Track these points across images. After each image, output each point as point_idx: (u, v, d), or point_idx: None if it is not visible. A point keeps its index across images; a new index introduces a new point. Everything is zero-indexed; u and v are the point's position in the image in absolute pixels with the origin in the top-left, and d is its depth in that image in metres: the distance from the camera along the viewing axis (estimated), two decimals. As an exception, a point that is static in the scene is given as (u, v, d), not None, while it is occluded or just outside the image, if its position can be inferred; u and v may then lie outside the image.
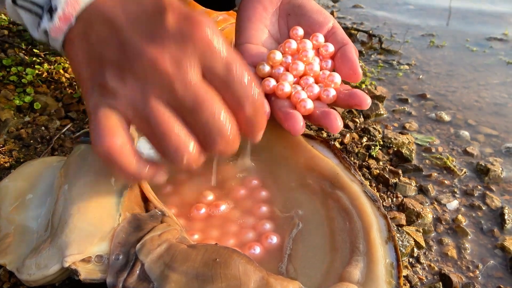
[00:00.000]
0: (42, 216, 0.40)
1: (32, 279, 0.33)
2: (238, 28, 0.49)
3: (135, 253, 0.33)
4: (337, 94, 0.44)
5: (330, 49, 0.47)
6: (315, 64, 0.46)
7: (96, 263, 0.33)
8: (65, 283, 0.39)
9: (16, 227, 0.39)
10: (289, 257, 0.38)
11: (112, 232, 0.34)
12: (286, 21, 0.50)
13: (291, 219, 0.42)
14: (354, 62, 0.45)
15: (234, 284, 0.31)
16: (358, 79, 0.45)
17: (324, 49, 0.47)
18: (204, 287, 0.31)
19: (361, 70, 0.45)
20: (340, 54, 0.46)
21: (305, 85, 0.45)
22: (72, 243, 0.33)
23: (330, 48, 0.47)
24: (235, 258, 0.32)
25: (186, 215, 0.43)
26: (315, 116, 0.43)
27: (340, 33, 0.48)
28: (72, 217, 0.34)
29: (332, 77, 0.45)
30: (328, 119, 0.41)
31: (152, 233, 0.35)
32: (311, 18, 0.48)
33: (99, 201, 0.36)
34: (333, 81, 0.45)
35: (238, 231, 0.41)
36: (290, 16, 0.50)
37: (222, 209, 0.43)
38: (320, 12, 0.49)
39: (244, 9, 0.49)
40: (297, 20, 0.49)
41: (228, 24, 0.76)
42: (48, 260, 0.33)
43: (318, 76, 0.46)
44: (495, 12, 1.24)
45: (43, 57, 0.73)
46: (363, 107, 0.42)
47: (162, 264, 0.32)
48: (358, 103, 0.42)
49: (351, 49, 0.46)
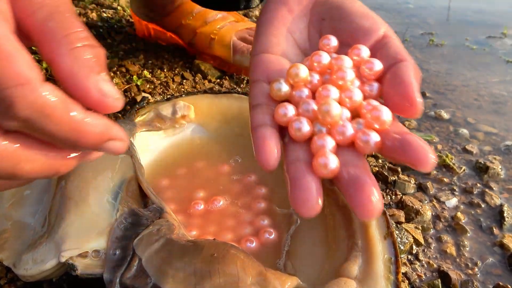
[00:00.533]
0: (39, 213, 0.39)
1: (29, 274, 0.33)
2: (255, 35, 0.39)
3: (132, 248, 0.33)
4: (383, 140, 0.29)
5: (377, 67, 0.32)
6: (354, 91, 0.32)
7: (93, 258, 0.32)
8: (62, 279, 0.39)
9: (13, 223, 0.39)
10: (287, 253, 0.38)
11: (110, 227, 0.34)
12: (319, 29, 0.39)
13: (290, 216, 0.42)
14: (410, 87, 0.30)
15: (232, 279, 0.30)
16: (415, 114, 0.30)
17: (367, 67, 0.33)
18: (202, 282, 0.31)
19: (420, 99, 0.30)
20: (390, 75, 0.32)
21: (334, 124, 0.30)
22: (69, 238, 0.33)
23: (376, 66, 0.33)
24: (233, 253, 0.32)
25: (184, 211, 0.42)
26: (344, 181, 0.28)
27: (394, 45, 0.35)
28: (69, 213, 0.34)
29: (378, 113, 0.29)
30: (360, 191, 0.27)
31: (150, 228, 0.34)
32: (353, 24, 0.36)
33: (96, 196, 0.36)
34: (379, 119, 0.29)
35: (236, 226, 0.41)
36: (325, 21, 0.39)
37: (220, 204, 0.43)
38: (366, 16, 0.37)
39: (265, 11, 0.40)
40: (334, 27, 0.38)
41: (227, 22, 0.76)
42: (45, 255, 0.33)
43: (357, 107, 0.32)
44: (495, 11, 1.24)
45: (41, 54, 0.73)
46: (420, 167, 0.27)
47: (159, 259, 0.32)
48: (414, 160, 0.27)
49: (408, 69, 0.32)
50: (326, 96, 0.31)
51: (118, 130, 0.27)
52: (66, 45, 0.26)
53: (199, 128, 0.52)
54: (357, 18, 0.37)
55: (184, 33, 0.77)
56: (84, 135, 0.25)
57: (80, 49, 0.26)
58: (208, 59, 0.75)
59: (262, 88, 0.35)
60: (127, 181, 0.38)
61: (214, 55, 0.74)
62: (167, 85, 0.69)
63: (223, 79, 0.72)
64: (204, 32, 0.74)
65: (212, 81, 0.72)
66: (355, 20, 0.37)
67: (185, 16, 0.76)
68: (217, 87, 0.70)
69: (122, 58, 0.75)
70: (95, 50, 0.27)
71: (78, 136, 0.25)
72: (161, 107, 0.50)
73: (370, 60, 0.33)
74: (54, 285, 0.39)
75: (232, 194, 0.44)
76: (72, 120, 0.24)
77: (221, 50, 0.73)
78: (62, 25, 0.26)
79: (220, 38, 0.73)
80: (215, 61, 0.74)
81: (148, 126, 0.49)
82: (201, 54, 0.76)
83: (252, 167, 0.47)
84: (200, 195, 0.44)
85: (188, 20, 0.76)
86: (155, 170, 0.47)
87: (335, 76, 0.33)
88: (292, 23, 0.39)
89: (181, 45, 0.79)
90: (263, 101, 0.34)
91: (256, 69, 0.36)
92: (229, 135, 0.51)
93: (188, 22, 0.76)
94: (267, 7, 0.41)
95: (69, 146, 0.26)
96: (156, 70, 0.73)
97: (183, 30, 0.77)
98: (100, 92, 0.26)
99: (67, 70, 0.25)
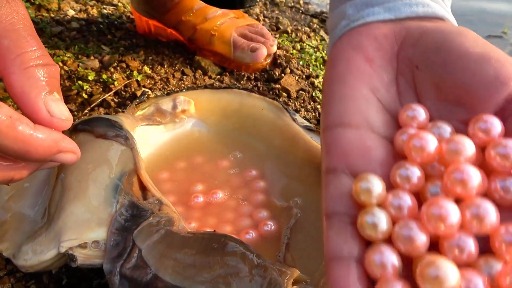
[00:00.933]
0: (39, 204, 0.39)
1: (29, 265, 0.33)
2: (324, 99, 0.29)
3: (132, 239, 0.33)
4: None
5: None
6: (484, 208, 0.20)
7: (93, 249, 0.32)
8: (62, 271, 0.39)
9: (12, 215, 0.39)
10: (287, 246, 0.38)
11: (109, 218, 0.34)
12: (412, 81, 0.28)
13: (289, 209, 0.42)
14: None
15: (232, 270, 0.31)
16: None
17: (500, 154, 0.21)
18: (202, 273, 0.31)
19: None
20: None
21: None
22: (69, 228, 0.33)
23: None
24: (233, 244, 0.32)
25: (184, 204, 0.43)
26: None
27: None
28: (69, 204, 0.34)
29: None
30: None
31: (150, 220, 0.34)
32: (467, 73, 0.25)
33: (96, 188, 0.36)
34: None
35: (235, 219, 0.41)
36: (419, 70, 0.27)
37: (219, 197, 0.43)
38: (488, 58, 0.24)
39: (334, 62, 0.29)
40: (435, 79, 0.26)
41: (227, 18, 0.76)
42: (45, 245, 0.33)
43: (490, 235, 0.20)
44: (495, 10, 1.24)
45: (41, 49, 0.73)
46: None
47: (159, 250, 0.32)
48: None
49: None
50: (436, 219, 0.20)
51: (69, 143, 0.29)
52: (19, 65, 0.26)
53: (199, 122, 0.52)
54: (473, 62, 0.24)
55: (184, 30, 0.77)
56: (33, 149, 0.26)
57: (33, 69, 0.27)
58: (208, 55, 0.75)
59: (341, 184, 0.24)
60: (127, 174, 0.38)
61: (215, 51, 0.74)
62: (167, 81, 0.69)
63: (223, 76, 0.72)
64: (204, 28, 0.74)
65: (212, 77, 0.72)
66: (469, 66, 0.24)
67: (185, 13, 0.76)
68: (217, 83, 0.71)
69: (122, 54, 0.75)
70: (48, 68, 0.27)
71: (26, 150, 0.26)
72: (162, 102, 0.50)
73: (506, 144, 0.20)
74: (53, 277, 0.39)
75: (232, 187, 0.44)
76: (19, 135, 0.25)
77: (221, 46, 0.73)
78: (16, 44, 0.26)
79: (220, 35, 0.73)
80: (215, 57, 0.74)
81: (148, 120, 0.49)
82: (201, 50, 0.76)
83: (252, 162, 0.47)
84: (199, 188, 0.44)
85: (188, 17, 0.76)
86: (155, 163, 0.47)
87: (449, 180, 0.20)
88: (373, 76, 0.28)
89: (181, 41, 0.79)
90: (343, 209, 0.24)
91: (331, 152, 0.26)
92: (229, 129, 0.51)
93: (188, 18, 0.76)
94: (335, 55, 0.30)
95: (20, 158, 0.27)
96: (157, 66, 0.73)
97: (183, 26, 0.77)
98: (49, 112, 0.27)
99: (19, 90, 0.26)
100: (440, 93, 0.26)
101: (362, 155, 0.25)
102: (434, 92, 0.26)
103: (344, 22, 0.32)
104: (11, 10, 0.27)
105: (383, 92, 0.27)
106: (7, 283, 0.38)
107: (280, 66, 0.74)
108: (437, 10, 0.30)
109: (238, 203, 0.43)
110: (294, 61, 0.76)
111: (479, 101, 0.24)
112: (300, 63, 0.76)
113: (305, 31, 0.90)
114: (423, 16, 0.29)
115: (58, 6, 0.90)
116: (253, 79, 0.72)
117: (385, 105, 0.27)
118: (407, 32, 0.29)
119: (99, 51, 0.76)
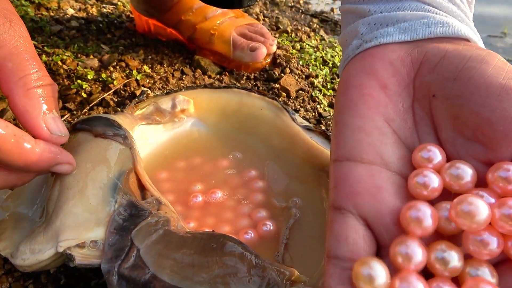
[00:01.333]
0: (38, 204, 0.39)
1: (26, 264, 0.32)
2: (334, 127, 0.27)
3: (130, 239, 0.33)
4: None
5: None
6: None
7: (91, 249, 0.32)
8: (60, 271, 0.39)
9: (10, 214, 0.39)
10: (286, 246, 0.38)
11: (108, 218, 0.34)
12: (428, 108, 0.25)
13: (289, 209, 0.42)
14: None
15: (230, 270, 0.30)
16: None
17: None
18: (200, 273, 0.31)
19: None
20: None
21: None
22: (67, 228, 0.33)
23: None
24: (231, 244, 0.32)
25: (182, 203, 0.42)
26: None
27: None
28: (67, 203, 0.34)
29: None
30: None
31: (148, 219, 0.34)
32: (486, 108, 0.22)
33: (95, 187, 0.35)
34: None
35: (234, 218, 0.41)
36: (435, 99, 0.25)
37: (218, 196, 0.43)
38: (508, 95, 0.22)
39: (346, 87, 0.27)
40: (451, 109, 0.24)
41: (227, 18, 0.76)
42: (43, 245, 0.32)
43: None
44: (495, 10, 1.24)
45: (41, 48, 0.73)
46: None
47: (157, 250, 0.32)
48: None
49: None
50: None
51: (65, 156, 0.33)
52: (22, 86, 0.30)
53: (198, 122, 0.52)
54: (494, 96, 0.22)
55: (184, 29, 0.77)
56: (34, 163, 0.30)
57: (34, 90, 0.30)
58: (208, 54, 0.75)
59: (346, 225, 0.23)
60: (126, 173, 0.38)
61: (214, 51, 0.74)
62: (166, 80, 0.69)
63: (223, 75, 0.72)
64: (204, 27, 0.74)
65: (212, 77, 0.72)
66: (489, 100, 0.22)
67: (185, 12, 0.76)
68: (217, 82, 0.70)
69: (122, 53, 0.75)
70: (47, 88, 0.31)
71: (28, 164, 0.30)
72: (161, 101, 0.50)
73: None
74: (51, 277, 0.39)
75: (231, 187, 0.44)
76: (22, 152, 0.29)
77: (221, 45, 0.73)
78: (19, 67, 0.30)
79: (220, 34, 0.73)
80: (215, 56, 0.74)
81: (148, 119, 0.49)
82: (201, 50, 0.76)
83: (251, 161, 0.47)
84: (198, 187, 0.44)
85: (188, 16, 0.76)
86: (154, 163, 0.47)
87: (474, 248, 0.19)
88: (388, 105, 0.25)
89: (181, 41, 0.79)
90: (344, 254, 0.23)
91: (338, 188, 0.24)
92: (228, 129, 0.51)
93: (188, 17, 0.76)
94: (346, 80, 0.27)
95: (22, 171, 0.31)
96: (156, 65, 0.73)
97: (183, 25, 0.76)
98: (48, 129, 0.31)
99: (22, 109, 0.30)
100: (457, 126, 0.23)
101: (371, 196, 0.23)
102: (451, 124, 0.24)
103: (356, 41, 0.29)
104: (14, 34, 0.30)
105: (398, 122, 0.25)
106: (5, 283, 0.38)
107: (279, 65, 0.74)
108: (458, 30, 0.27)
109: (237, 203, 0.43)
110: (293, 60, 0.75)
111: (497, 141, 0.21)
112: (300, 63, 0.76)
113: (305, 31, 0.90)
114: (442, 37, 0.27)
115: (58, 4, 0.90)
116: (252, 79, 0.72)
117: (401, 136, 0.25)
118: (425, 56, 0.26)
119: (99, 50, 0.76)
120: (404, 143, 0.25)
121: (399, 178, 0.24)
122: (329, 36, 0.93)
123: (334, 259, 0.23)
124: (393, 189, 0.23)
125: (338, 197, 0.24)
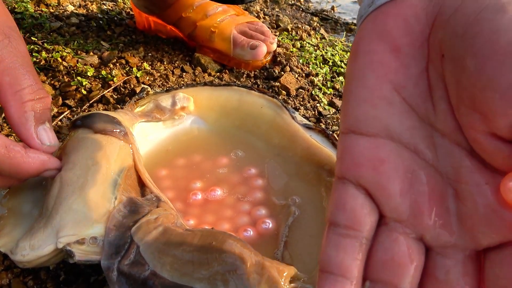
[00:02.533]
0: (37, 200, 0.39)
1: (26, 260, 0.33)
2: (344, 97, 0.25)
3: (130, 235, 0.33)
4: None
5: None
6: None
7: (91, 245, 0.32)
8: (59, 267, 0.39)
9: (10, 210, 0.39)
10: (285, 244, 0.38)
11: (108, 214, 0.34)
12: (441, 71, 0.22)
13: (288, 207, 0.42)
14: None
15: (230, 267, 0.31)
16: None
17: None
18: (200, 270, 0.31)
19: None
20: None
21: None
22: (67, 224, 0.33)
23: None
24: (231, 242, 0.32)
25: (182, 200, 0.42)
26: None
27: None
28: (67, 199, 0.34)
29: None
30: None
31: (148, 216, 0.34)
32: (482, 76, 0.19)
33: (95, 184, 0.36)
34: None
35: (233, 216, 0.41)
36: (444, 60, 0.22)
37: (217, 194, 0.43)
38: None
39: (355, 53, 0.25)
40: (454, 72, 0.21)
41: (227, 16, 0.76)
42: (43, 241, 0.32)
43: None
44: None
45: (40, 45, 0.73)
46: None
47: (157, 247, 0.32)
48: None
49: None
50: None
51: (54, 162, 0.36)
52: (18, 99, 0.33)
53: (198, 119, 0.52)
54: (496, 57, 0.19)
55: (184, 26, 0.77)
56: (24, 171, 0.34)
57: (29, 104, 0.34)
58: (208, 52, 0.75)
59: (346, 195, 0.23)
60: (126, 170, 0.38)
61: (214, 48, 0.74)
62: (166, 78, 0.69)
63: (223, 73, 0.72)
64: (205, 25, 0.74)
65: (212, 75, 0.72)
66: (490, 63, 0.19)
67: (186, 9, 0.76)
68: (217, 80, 0.70)
69: (122, 50, 0.75)
70: (41, 102, 0.34)
71: (18, 171, 0.34)
72: (161, 98, 0.50)
73: None
74: (51, 273, 0.39)
75: (230, 184, 0.44)
76: (13, 162, 0.32)
77: (221, 43, 0.73)
78: (16, 81, 0.33)
79: (220, 32, 0.73)
80: (215, 54, 0.74)
81: (148, 117, 0.49)
82: (201, 47, 0.76)
83: (250, 159, 0.47)
84: (198, 185, 0.44)
85: (189, 13, 0.76)
86: (154, 160, 0.47)
87: None
88: (399, 71, 0.23)
89: (181, 38, 0.79)
90: (342, 221, 0.23)
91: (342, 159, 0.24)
92: (228, 127, 0.51)
93: (189, 15, 0.76)
94: (357, 45, 0.25)
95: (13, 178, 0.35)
96: (156, 62, 0.73)
97: (183, 23, 0.76)
98: (40, 140, 0.35)
99: (16, 120, 0.33)
100: (459, 92, 0.21)
101: (373, 169, 0.23)
102: (455, 90, 0.21)
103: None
104: (12, 49, 0.33)
105: (410, 89, 0.23)
106: (4, 279, 0.38)
107: (280, 64, 0.74)
108: None
109: (236, 201, 0.43)
110: (294, 59, 0.75)
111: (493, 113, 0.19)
112: (300, 61, 0.76)
113: (305, 29, 0.90)
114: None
115: (58, 1, 0.90)
116: (252, 77, 0.72)
117: (412, 104, 0.23)
118: (440, 8, 0.22)
119: (99, 47, 0.75)
120: (416, 111, 0.23)
121: (405, 150, 0.23)
122: (329, 34, 0.93)
123: (333, 225, 0.23)
124: (396, 162, 0.23)
125: (341, 168, 0.24)
